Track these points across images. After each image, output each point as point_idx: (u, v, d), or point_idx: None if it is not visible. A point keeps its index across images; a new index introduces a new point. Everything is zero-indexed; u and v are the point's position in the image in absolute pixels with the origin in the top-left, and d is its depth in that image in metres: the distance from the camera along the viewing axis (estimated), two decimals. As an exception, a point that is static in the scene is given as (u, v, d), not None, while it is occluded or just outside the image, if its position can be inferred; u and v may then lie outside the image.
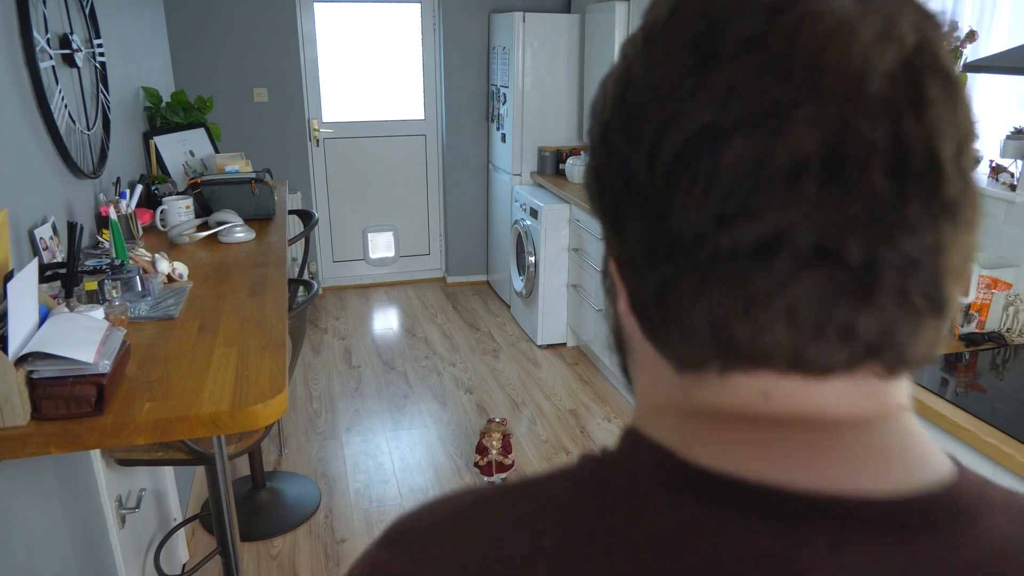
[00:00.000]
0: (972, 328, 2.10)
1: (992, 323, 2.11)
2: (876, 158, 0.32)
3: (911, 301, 0.34)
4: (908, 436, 0.37)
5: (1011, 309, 2.10)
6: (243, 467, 3.11)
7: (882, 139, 0.32)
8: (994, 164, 2.29)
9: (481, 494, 0.41)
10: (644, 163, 0.35)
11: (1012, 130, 2.22)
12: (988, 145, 2.39)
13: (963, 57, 2.39)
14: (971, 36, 2.36)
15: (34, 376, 1.22)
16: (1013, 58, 1.73)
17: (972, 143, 0.35)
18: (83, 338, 1.27)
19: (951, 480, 0.36)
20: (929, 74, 0.34)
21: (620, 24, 3.88)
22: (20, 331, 1.22)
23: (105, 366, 1.25)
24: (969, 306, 2.09)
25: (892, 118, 0.32)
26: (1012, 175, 2.22)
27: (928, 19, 0.36)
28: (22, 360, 1.21)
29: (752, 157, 0.32)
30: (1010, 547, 0.34)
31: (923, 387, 1.81)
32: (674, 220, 0.34)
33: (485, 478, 3.01)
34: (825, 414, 0.36)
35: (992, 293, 2.08)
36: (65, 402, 1.22)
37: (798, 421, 0.36)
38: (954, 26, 2.39)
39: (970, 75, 2.44)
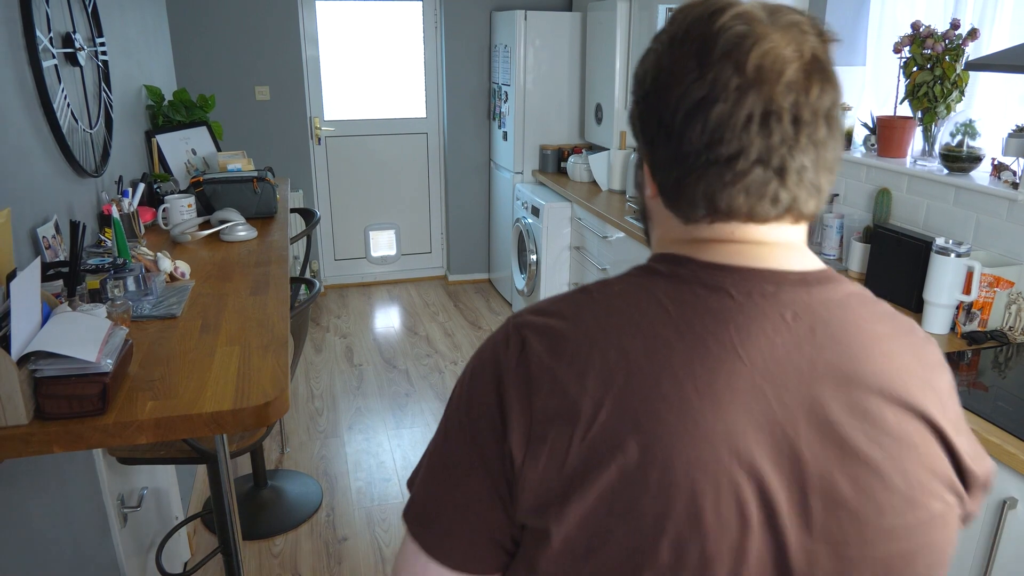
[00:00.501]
0: (974, 326, 2.10)
1: (994, 321, 2.11)
2: (786, 114, 0.63)
3: (803, 184, 0.66)
4: (805, 251, 0.70)
5: (1013, 307, 2.09)
6: (245, 465, 3.11)
7: (789, 105, 0.63)
8: (996, 162, 2.29)
9: (584, 288, 0.69)
10: (670, 113, 0.66)
11: (1014, 128, 2.22)
12: (990, 143, 2.39)
13: (965, 55, 2.39)
14: (973, 34, 2.36)
15: (37, 375, 1.22)
16: (1014, 56, 1.73)
17: (838, 108, 0.66)
18: (85, 337, 1.27)
19: (826, 268, 0.70)
20: (816, 71, 0.64)
21: (621, 22, 3.88)
22: (23, 330, 1.22)
23: (107, 365, 1.26)
24: (971, 304, 2.09)
25: (795, 93, 0.63)
26: (1014, 173, 2.21)
27: (819, 37, 0.66)
28: (25, 359, 1.21)
29: (725, 113, 0.63)
30: (862, 292, 0.69)
31: (925, 386, 1.81)
32: (685, 144, 0.65)
33: (487, 476, 3.01)
34: (765, 240, 0.68)
35: (995, 291, 2.07)
36: (68, 401, 1.23)
37: (752, 243, 0.68)
38: (952, 29, 2.39)
39: (972, 73, 2.43)
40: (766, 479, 0.60)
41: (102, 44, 2.48)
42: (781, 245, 0.68)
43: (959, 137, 2.37)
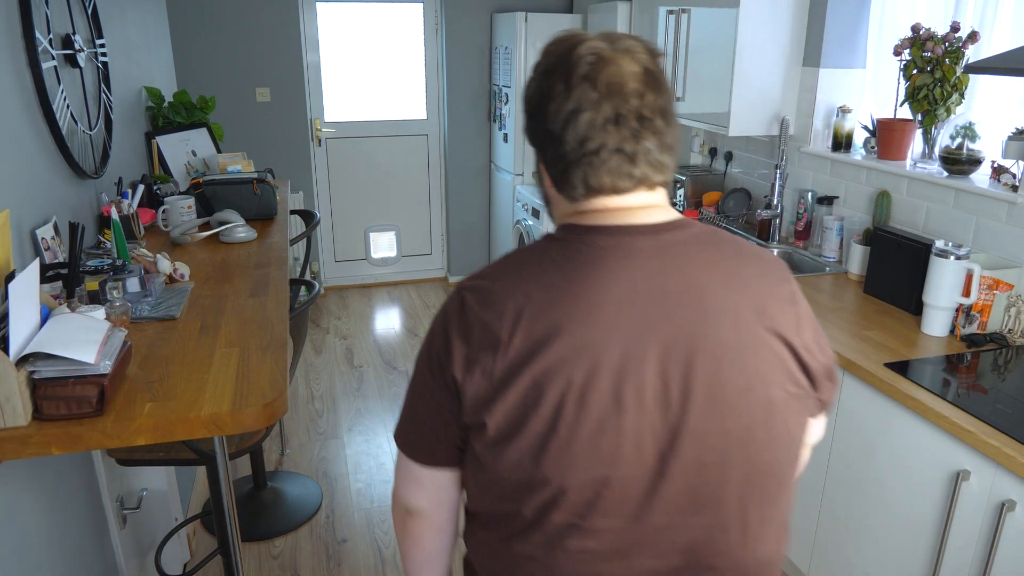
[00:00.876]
0: (974, 329, 2.10)
1: (994, 324, 2.11)
2: (631, 115, 0.85)
3: (650, 163, 0.88)
4: (662, 209, 0.91)
5: (1013, 310, 2.09)
6: (245, 467, 3.11)
7: (634, 108, 0.85)
8: (996, 165, 2.29)
9: (506, 255, 0.93)
10: (551, 123, 0.88)
11: (1014, 131, 2.22)
12: (990, 146, 2.39)
13: (965, 58, 2.39)
14: (973, 37, 2.36)
15: (35, 377, 1.22)
16: (1014, 59, 1.73)
17: (671, 105, 0.89)
18: (84, 338, 1.27)
19: (679, 218, 0.92)
20: (650, 81, 0.87)
21: (622, 24, 3.88)
22: (21, 332, 1.22)
23: (106, 366, 1.26)
24: (971, 307, 2.09)
25: (637, 99, 0.86)
26: (1014, 176, 2.21)
27: (650, 55, 0.89)
28: (23, 360, 1.22)
29: (589, 119, 0.85)
30: (707, 231, 0.92)
31: (925, 388, 1.81)
32: (565, 145, 0.87)
33: (486, 478, 3.01)
34: (626, 206, 0.90)
35: (994, 294, 2.07)
36: (66, 402, 1.23)
37: (618, 209, 0.90)
38: (953, 32, 2.39)
39: (972, 75, 2.43)
40: (631, 370, 0.84)
41: (102, 45, 2.48)
42: (639, 208, 0.91)
43: (959, 140, 2.37)
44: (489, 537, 1.00)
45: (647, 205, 0.91)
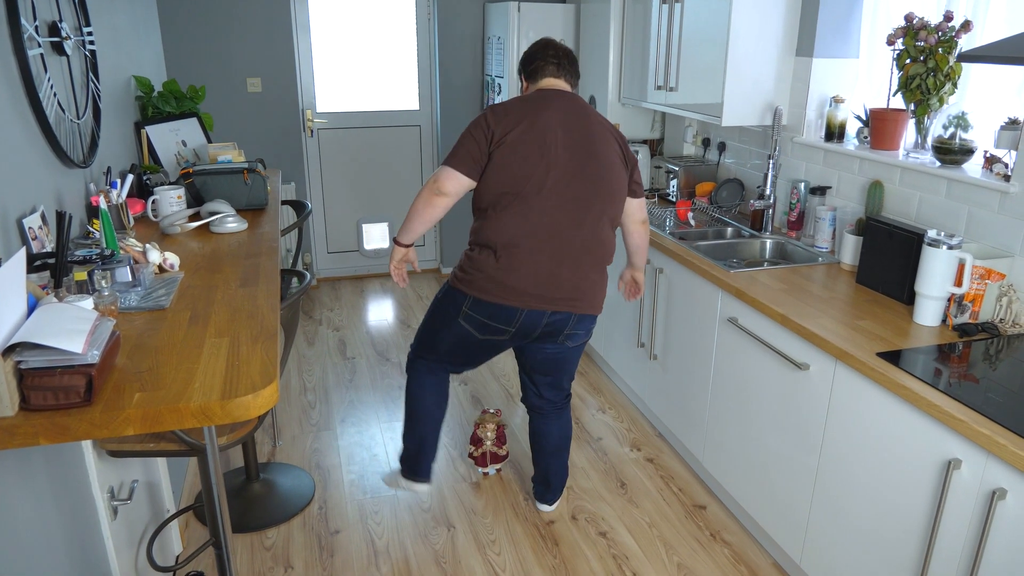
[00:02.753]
0: (966, 318, 2.10)
1: (986, 313, 2.11)
2: (556, 60, 2.43)
3: (561, 73, 2.44)
4: (568, 88, 2.42)
5: (1004, 299, 2.10)
6: (237, 458, 3.10)
7: (557, 57, 2.43)
8: (988, 154, 2.29)
9: (509, 100, 2.34)
10: (536, 61, 2.43)
11: (1006, 120, 2.22)
12: (982, 136, 2.39)
13: (958, 47, 2.39)
14: (966, 26, 2.35)
15: (22, 366, 1.21)
16: (1007, 48, 1.72)
17: (568, 61, 2.44)
18: (72, 328, 1.26)
19: (573, 90, 2.44)
20: (565, 53, 2.44)
21: (615, 14, 3.86)
22: (8, 321, 1.21)
23: (94, 356, 1.24)
24: (963, 296, 2.09)
25: (556, 57, 2.42)
26: (1006, 165, 2.21)
27: (565, 49, 2.47)
28: (10, 350, 1.20)
29: (544, 59, 2.43)
30: (580, 100, 2.36)
31: (917, 377, 1.81)
32: (537, 69, 2.44)
33: (480, 469, 3.01)
34: (555, 85, 2.42)
35: (986, 283, 2.07)
36: (54, 393, 1.21)
37: (552, 86, 2.43)
38: (946, 21, 2.39)
39: (965, 65, 2.43)
40: (559, 138, 2.23)
41: (90, 33, 2.45)
42: (561, 85, 2.39)
43: (951, 129, 2.37)
44: (489, 214, 2.27)
45: (561, 87, 2.38)
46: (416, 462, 2.69)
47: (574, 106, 2.28)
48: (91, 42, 2.46)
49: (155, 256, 1.92)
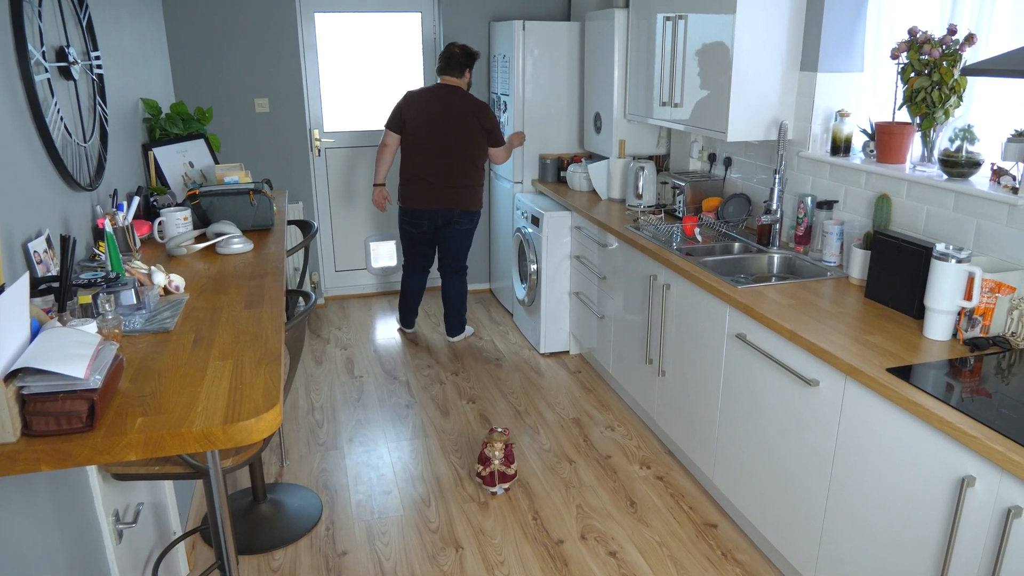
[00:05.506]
0: (976, 333, 2.08)
1: (996, 327, 2.09)
2: (443, 61, 4.14)
3: (452, 69, 4.12)
4: (457, 82, 4.15)
5: (1015, 313, 2.07)
6: (244, 479, 3.09)
7: (458, 49, 4.15)
8: (995, 167, 2.27)
9: (411, 91, 4.30)
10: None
11: (1013, 133, 2.20)
12: (989, 148, 2.37)
13: (962, 60, 2.38)
14: (970, 39, 2.34)
15: (24, 392, 1.21)
16: (1011, 61, 1.71)
17: (455, 62, 4.11)
18: (74, 353, 1.25)
19: (455, 83, 4.28)
20: (447, 53, 4.12)
21: (620, 31, 3.87)
22: (10, 346, 1.21)
23: (96, 381, 1.24)
24: (973, 310, 2.07)
25: (446, 56, 4.13)
26: (1014, 178, 2.20)
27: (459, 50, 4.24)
28: (12, 376, 1.20)
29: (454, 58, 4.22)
30: (454, 89, 4.12)
31: (928, 393, 1.79)
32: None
33: (488, 488, 2.99)
34: (447, 80, 4.18)
35: (996, 297, 2.05)
36: (56, 418, 1.21)
37: (444, 82, 4.17)
38: (950, 35, 2.38)
39: (970, 78, 2.42)
40: (434, 113, 4.03)
41: (97, 58, 2.48)
42: (447, 79, 4.08)
43: (958, 142, 2.36)
44: (403, 158, 4.17)
45: (447, 81, 4.08)
46: (405, 319, 4.64)
47: (448, 94, 4.03)
48: (99, 66, 2.49)
49: (160, 278, 1.92)
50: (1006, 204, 2.18)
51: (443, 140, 4.01)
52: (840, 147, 2.87)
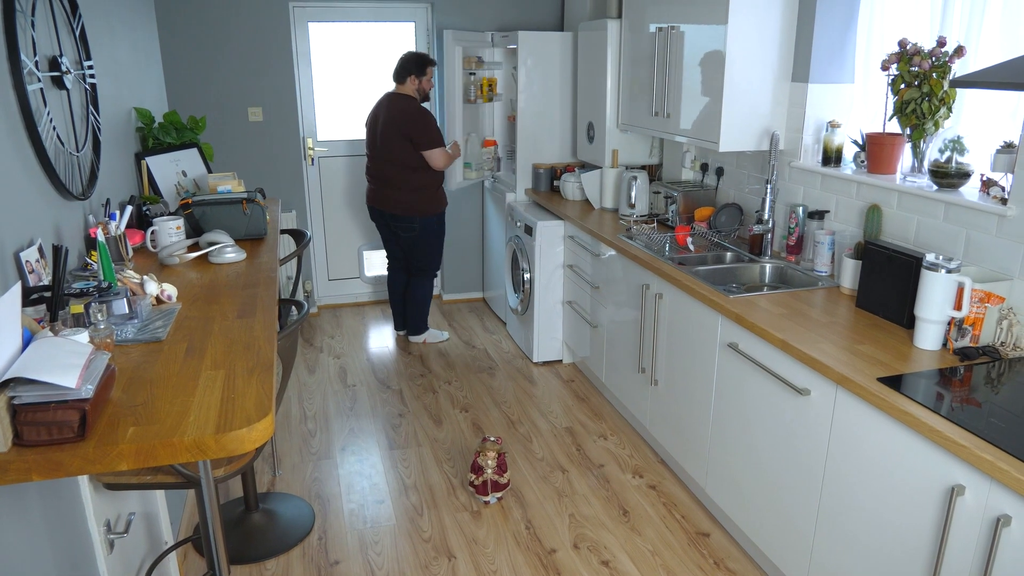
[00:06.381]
0: (966, 342, 2.09)
1: (986, 337, 2.10)
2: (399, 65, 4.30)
3: (396, 79, 4.27)
4: (404, 89, 4.21)
5: (1005, 323, 2.09)
6: (236, 488, 3.08)
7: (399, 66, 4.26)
8: (985, 178, 2.29)
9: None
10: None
11: (1002, 144, 2.22)
12: (979, 159, 2.39)
13: (952, 72, 2.40)
14: (959, 51, 2.37)
15: (16, 402, 1.20)
16: (999, 73, 1.73)
17: (404, 69, 4.20)
18: (66, 363, 1.25)
19: (402, 92, 4.40)
20: (404, 61, 4.26)
21: (612, 41, 3.90)
22: (2, 356, 1.21)
23: (88, 391, 1.24)
24: (963, 320, 2.08)
25: (402, 61, 4.24)
26: (1003, 189, 2.22)
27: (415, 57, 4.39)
28: (3, 385, 1.20)
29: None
30: (396, 98, 4.29)
31: (918, 402, 1.80)
32: None
33: (481, 498, 2.99)
34: (397, 89, 4.29)
35: (985, 307, 2.07)
36: (47, 428, 1.21)
37: (395, 91, 4.30)
38: (939, 47, 2.40)
39: (959, 89, 2.44)
40: (379, 120, 4.19)
41: (90, 67, 2.48)
42: (396, 87, 4.20)
43: (948, 153, 2.38)
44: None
45: (395, 89, 4.20)
46: (395, 319, 4.82)
47: (388, 101, 4.18)
48: (92, 75, 2.49)
49: (152, 288, 1.92)
50: (995, 215, 2.20)
51: (376, 146, 4.26)
52: (831, 157, 2.89)
